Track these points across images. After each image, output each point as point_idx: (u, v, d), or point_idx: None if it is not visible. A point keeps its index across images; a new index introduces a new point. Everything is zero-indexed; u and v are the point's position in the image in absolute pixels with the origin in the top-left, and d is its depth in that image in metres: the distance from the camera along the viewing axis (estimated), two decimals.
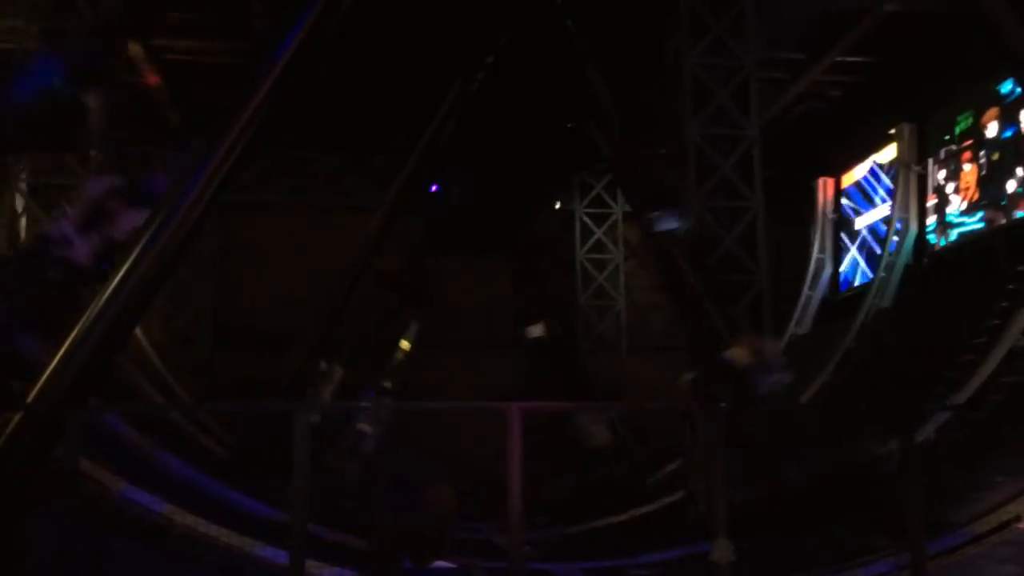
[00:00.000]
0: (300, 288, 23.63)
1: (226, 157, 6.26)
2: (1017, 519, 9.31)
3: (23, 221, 15.99)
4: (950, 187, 19.35)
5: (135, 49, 19.27)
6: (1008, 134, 17.42)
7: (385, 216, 17.63)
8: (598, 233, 27.09)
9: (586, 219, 27.11)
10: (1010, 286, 15.56)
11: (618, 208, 26.79)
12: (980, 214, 18.13)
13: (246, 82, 6.64)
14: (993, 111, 17.85)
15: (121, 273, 5.94)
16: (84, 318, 6.05)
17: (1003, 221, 17.34)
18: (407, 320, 19.66)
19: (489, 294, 26.61)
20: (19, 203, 16.24)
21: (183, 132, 24.41)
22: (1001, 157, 17.67)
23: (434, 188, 19.92)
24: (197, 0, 18.85)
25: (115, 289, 5.93)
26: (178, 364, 21.15)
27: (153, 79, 21.55)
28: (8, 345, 6.99)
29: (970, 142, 18.67)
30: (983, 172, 18.19)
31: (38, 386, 5.87)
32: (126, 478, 8.72)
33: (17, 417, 5.82)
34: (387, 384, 19.33)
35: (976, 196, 18.36)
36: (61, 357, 5.87)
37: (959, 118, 19.00)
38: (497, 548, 10.66)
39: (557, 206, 27.39)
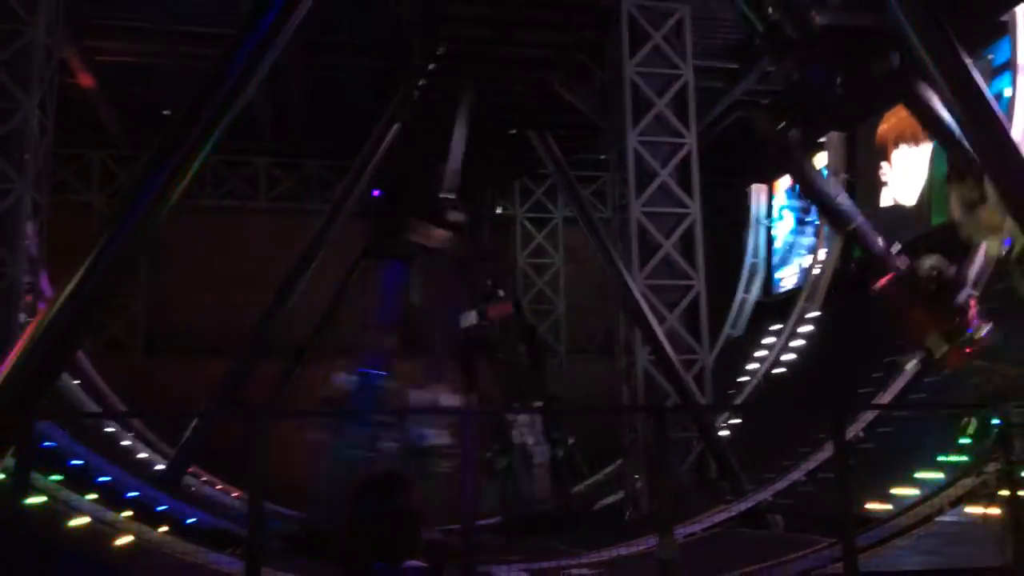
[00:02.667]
0: (231, 293, 23.45)
1: (176, 172, 6.26)
2: (940, 511, 9.78)
3: None
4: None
5: (69, 52, 18.92)
6: None
7: (327, 220, 17.56)
8: (538, 238, 27.39)
9: (527, 224, 27.37)
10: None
11: (558, 213, 27.13)
12: None
13: (198, 94, 6.65)
14: None
15: (72, 284, 5.90)
16: (33, 329, 6.01)
17: None
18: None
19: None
20: None
21: (120, 135, 24.08)
22: None
23: (376, 193, 19.89)
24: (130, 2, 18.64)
25: (65, 300, 5.90)
26: (111, 371, 20.71)
27: (87, 81, 21.17)
28: None
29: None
30: None
31: None
32: (71, 488, 8.63)
33: None
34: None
35: None
36: (11, 366, 5.82)
37: None
38: (443, 546, 10.78)
39: (498, 211, 27.58)
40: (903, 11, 8.30)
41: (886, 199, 20.14)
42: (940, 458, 11.80)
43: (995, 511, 7.28)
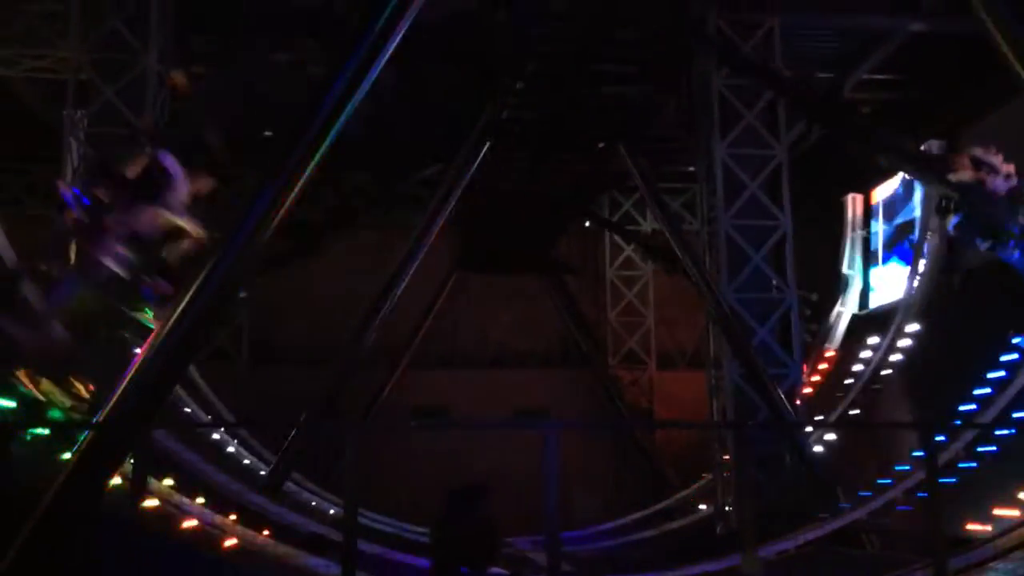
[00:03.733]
0: (336, 305, 24.22)
1: (286, 187, 6.68)
2: None
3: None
4: None
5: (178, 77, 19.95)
6: None
7: (419, 234, 18.02)
8: (627, 250, 27.38)
9: (615, 236, 27.40)
10: None
11: (647, 225, 27.08)
12: None
13: (302, 114, 7.05)
14: None
15: (187, 298, 6.36)
16: (151, 342, 6.49)
17: None
18: None
19: (522, 312, 27.05)
20: None
21: (224, 155, 25.16)
22: None
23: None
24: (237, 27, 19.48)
25: (180, 314, 6.36)
26: (217, 380, 21.64)
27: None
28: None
29: None
30: None
31: (108, 406, 6.31)
32: (181, 492, 9.18)
33: (89, 436, 6.25)
34: None
35: None
36: (129, 380, 6.30)
37: None
38: (531, 562, 11.00)
39: (587, 224, 27.74)
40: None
41: None
42: None
43: None
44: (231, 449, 17.60)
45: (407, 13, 7.35)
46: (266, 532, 10.15)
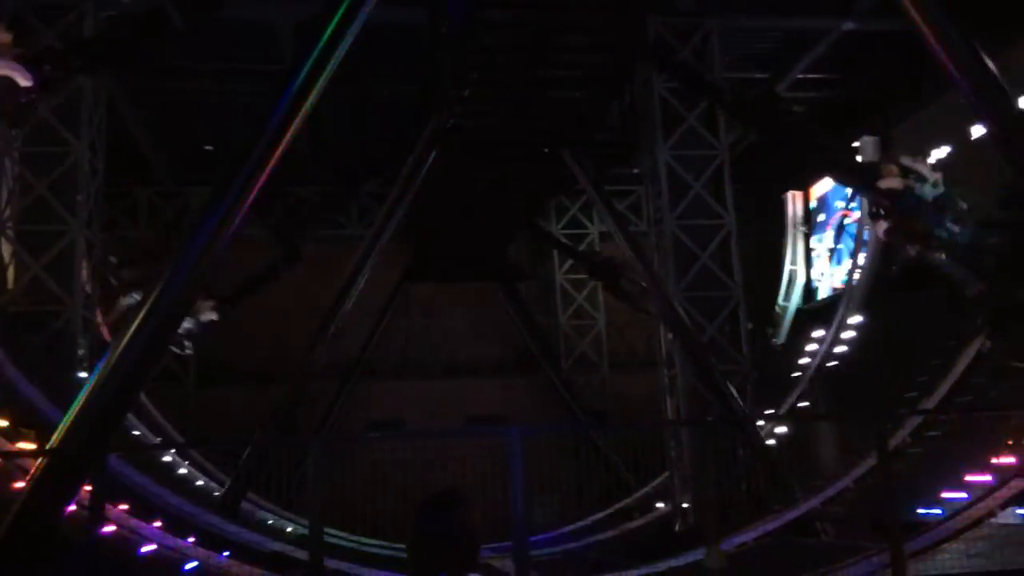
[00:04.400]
0: (278, 321, 23.94)
1: (229, 212, 6.59)
2: (990, 514, 9.77)
3: (11, 269, 16.09)
4: None
5: (115, 92, 19.53)
6: None
7: (368, 246, 17.86)
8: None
9: (564, 240, 27.55)
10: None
11: (594, 228, 27.30)
12: None
13: (248, 133, 6.97)
14: None
15: (138, 321, 6.24)
16: (104, 365, 6.35)
17: None
18: None
19: (474, 319, 27.05)
20: (6, 250, 16.36)
21: (165, 172, 24.77)
22: None
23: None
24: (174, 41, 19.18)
25: (132, 337, 6.24)
26: (165, 402, 21.24)
27: (132, 120, 21.79)
28: None
29: None
30: None
31: (61, 431, 6.16)
32: (137, 516, 8.99)
33: (41, 461, 6.10)
34: None
35: None
36: (82, 404, 6.16)
37: None
38: (495, 571, 11.00)
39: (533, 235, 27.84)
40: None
41: None
42: (991, 460, 11.74)
43: None
44: (183, 471, 17.26)
45: (352, 27, 7.33)
46: (226, 553, 9.99)
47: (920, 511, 11.92)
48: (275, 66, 16.99)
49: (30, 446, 9.62)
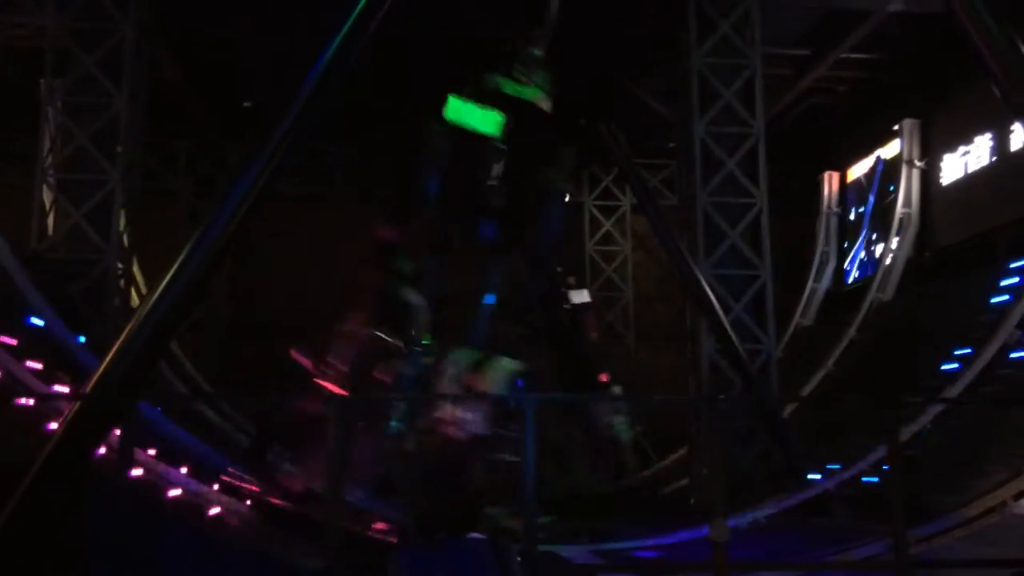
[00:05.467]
0: (311, 280, 24.27)
1: (269, 161, 6.74)
2: (1003, 504, 9.82)
3: (51, 217, 16.50)
4: None
5: (158, 47, 19.78)
6: None
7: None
8: (607, 225, 27.58)
9: (595, 211, 27.57)
10: (1007, 281, 16.01)
11: (626, 200, 27.26)
12: None
13: (287, 90, 7.10)
14: None
15: (172, 271, 6.44)
16: (137, 313, 6.59)
17: None
18: None
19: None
20: (47, 198, 16.77)
21: (204, 125, 25.06)
22: None
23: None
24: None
25: (166, 286, 6.45)
26: (196, 353, 21.70)
27: (175, 75, 22.07)
28: None
29: None
30: None
31: (95, 377, 6.42)
32: (164, 462, 9.32)
33: (76, 406, 6.36)
34: None
35: None
36: (116, 350, 6.40)
37: None
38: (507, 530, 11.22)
39: (567, 199, 27.83)
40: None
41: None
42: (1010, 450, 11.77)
43: None
44: (212, 420, 17.71)
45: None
46: (248, 502, 10.32)
47: (938, 497, 11.99)
48: (314, 25, 17.08)
49: (64, 389, 9.99)
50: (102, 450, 7.43)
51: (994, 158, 18.46)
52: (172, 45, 20.87)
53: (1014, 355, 14.35)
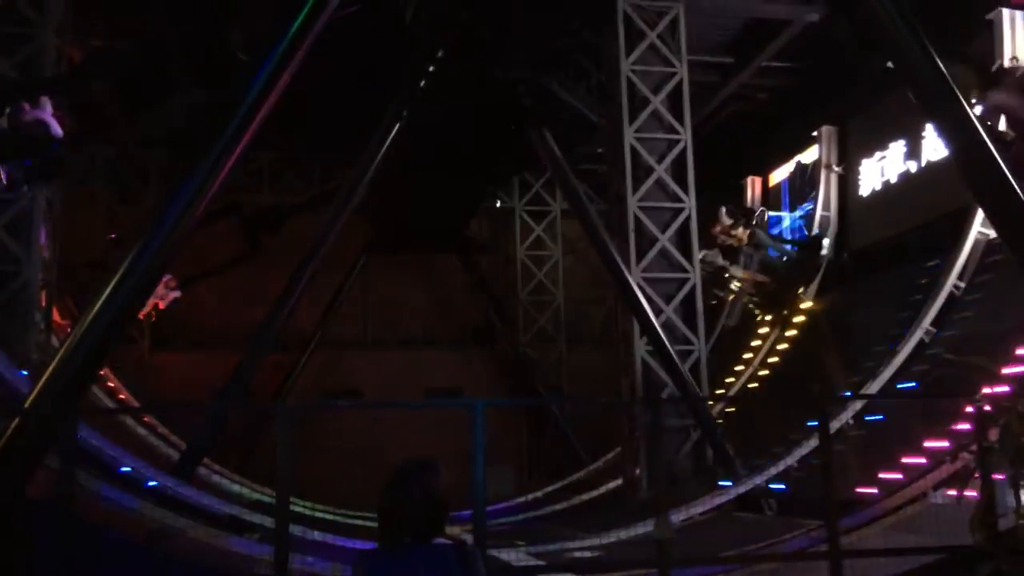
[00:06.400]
0: (238, 289, 23.90)
1: (209, 175, 6.69)
2: (924, 495, 10.29)
3: None
4: None
5: (74, 51, 19.23)
6: None
7: (332, 216, 17.91)
8: (537, 230, 27.85)
9: (526, 216, 27.81)
10: (921, 281, 16.74)
11: (556, 206, 27.58)
12: None
13: (228, 100, 7.04)
14: None
15: (112, 285, 6.34)
16: (75, 329, 6.46)
17: None
18: None
19: (433, 292, 27.25)
20: None
21: (124, 130, 24.44)
22: None
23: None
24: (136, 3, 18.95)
25: (105, 301, 6.34)
26: (119, 365, 21.14)
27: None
28: None
29: None
30: None
31: (34, 393, 6.27)
32: (97, 478, 9.10)
33: (15, 422, 6.21)
34: None
35: None
36: (55, 366, 6.27)
37: None
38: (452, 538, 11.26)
39: (497, 204, 28.08)
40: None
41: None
42: (926, 444, 12.31)
43: (971, 493, 7.76)
44: (141, 433, 17.31)
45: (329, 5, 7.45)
46: (184, 516, 10.13)
47: (860, 490, 12.49)
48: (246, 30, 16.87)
49: None
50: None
51: (908, 163, 19.25)
52: (88, 49, 20.35)
53: (930, 352, 15.02)
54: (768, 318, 21.39)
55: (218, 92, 14.13)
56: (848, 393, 15.56)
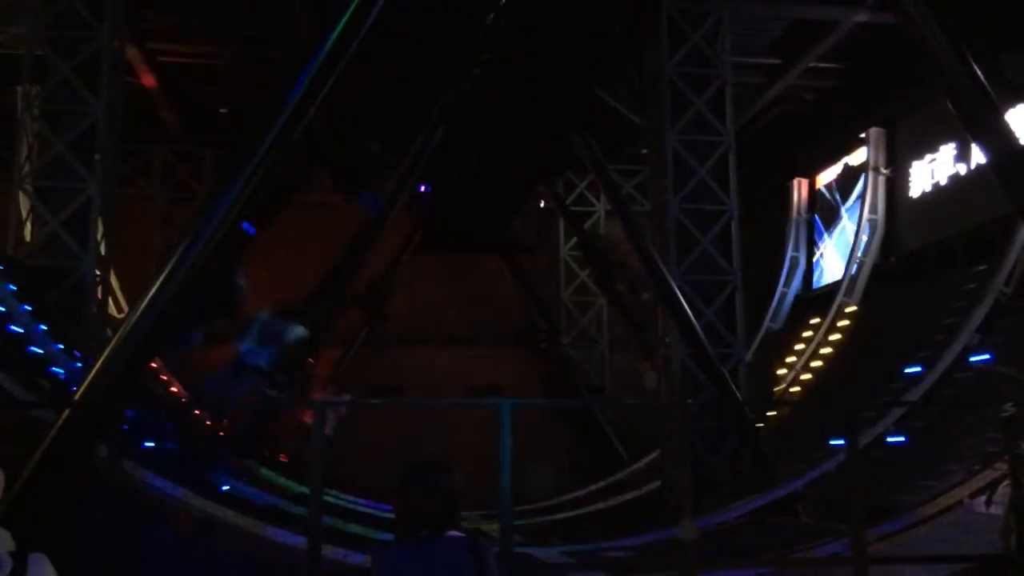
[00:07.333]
0: (286, 284, 24.35)
1: (255, 172, 6.94)
2: (960, 503, 10.21)
3: (28, 224, 16.52)
4: None
5: (131, 52, 19.84)
6: None
7: (378, 216, 18.28)
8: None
9: (569, 217, 27.87)
10: (968, 286, 16.50)
11: (600, 207, 27.62)
12: None
13: (272, 101, 7.29)
14: None
15: (158, 283, 6.64)
16: (125, 322, 6.78)
17: None
18: None
19: (477, 291, 27.51)
20: (24, 205, 16.77)
21: (179, 131, 25.13)
22: None
23: (423, 188, 20.66)
24: (191, 4, 19.48)
25: (152, 298, 6.64)
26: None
27: (149, 80, 22.13)
28: None
29: None
30: None
31: (84, 386, 6.59)
32: (143, 466, 9.46)
33: (65, 413, 6.54)
34: None
35: None
36: (104, 361, 6.58)
37: None
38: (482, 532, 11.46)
39: (541, 205, 28.21)
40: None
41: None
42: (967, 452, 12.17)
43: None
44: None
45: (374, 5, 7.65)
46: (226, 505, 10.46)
47: (899, 497, 12.38)
48: (290, 32, 17.26)
49: None
50: None
51: (958, 165, 18.96)
52: (146, 52, 20.97)
53: (973, 359, 14.80)
54: None
55: None
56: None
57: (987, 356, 14.54)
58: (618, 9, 14.84)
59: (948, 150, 19.41)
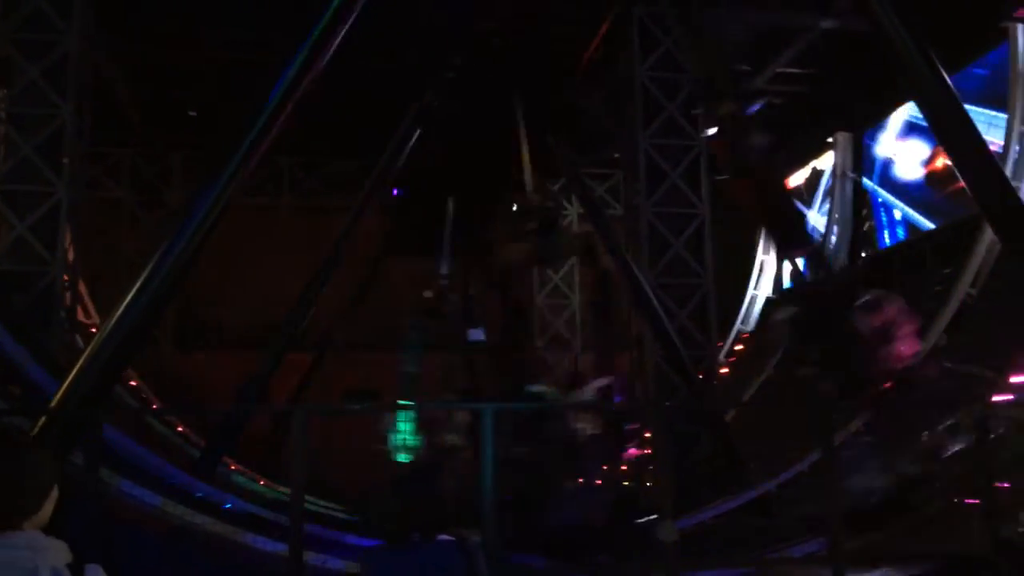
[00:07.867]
0: (258, 288, 24.19)
1: (229, 181, 6.91)
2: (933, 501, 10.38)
3: None
4: None
5: (99, 55, 19.55)
6: None
7: (352, 218, 18.22)
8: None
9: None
10: (936, 288, 16.77)
11: (573, 210, 27.69)
12: None
13: (253, 102, 7.25)
14: None
15: (136, 286, 6.57)
16: (101, 329, 6.70)
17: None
18: None
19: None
20: None
21: (144, 132, 24.83)
22: None
23: (396, 192, 20.63)
24: (160, 7, 19.26)
25: (129, 302, 6.57)
26: (142, 365, 21.48)
27: (117, 83, 21.85)
28: None
29: None
30: None
31: (60, 392, 6.51)
32: (119, 474, 9.35)
33: (41, 420, 6.45)
34: None
35: None
36: (80, 366, 6.50)
37: None
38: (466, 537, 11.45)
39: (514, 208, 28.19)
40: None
41: None
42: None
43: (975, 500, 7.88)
44: (162, 432, 17.61)
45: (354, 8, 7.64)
46: (204, 513, 10.36)
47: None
48: (262, 35, 17.15)
49: None
50: None
51: (925, 168, 19.29)
52: (116, 55, 20.70)
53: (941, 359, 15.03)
54: None
55: None
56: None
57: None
58: (590, 14, 14.90)
59: (915, 153, 19.74)
